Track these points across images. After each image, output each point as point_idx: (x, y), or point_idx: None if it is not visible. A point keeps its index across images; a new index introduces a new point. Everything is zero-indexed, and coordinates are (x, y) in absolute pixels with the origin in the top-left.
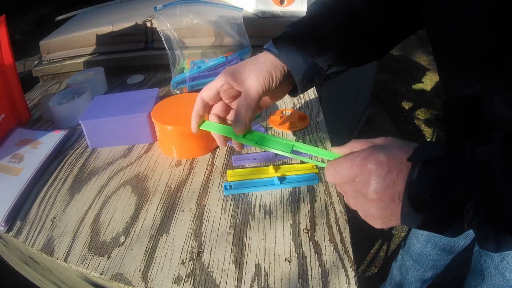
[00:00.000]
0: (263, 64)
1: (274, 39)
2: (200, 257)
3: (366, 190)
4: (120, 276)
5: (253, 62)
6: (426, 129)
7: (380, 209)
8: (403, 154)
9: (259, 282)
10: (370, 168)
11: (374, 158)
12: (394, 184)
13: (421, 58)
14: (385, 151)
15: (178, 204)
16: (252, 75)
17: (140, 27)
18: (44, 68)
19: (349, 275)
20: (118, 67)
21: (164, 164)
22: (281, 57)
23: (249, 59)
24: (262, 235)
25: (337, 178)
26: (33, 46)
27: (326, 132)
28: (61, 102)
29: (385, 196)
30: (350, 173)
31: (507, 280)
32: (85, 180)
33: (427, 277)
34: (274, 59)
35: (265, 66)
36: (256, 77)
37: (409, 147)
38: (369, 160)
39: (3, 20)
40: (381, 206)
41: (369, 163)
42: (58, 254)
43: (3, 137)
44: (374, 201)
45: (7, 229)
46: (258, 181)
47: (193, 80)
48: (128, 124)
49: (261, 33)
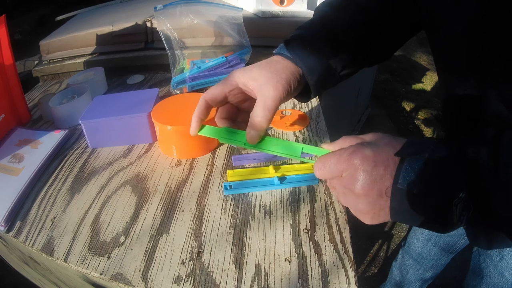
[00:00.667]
0: (282, 72)
1: (285, 41)
2: (200, 257)
3: (353, 185)
4: (120, 276)
5: (270, 69)
6: (426, 129)
7: (368, 204)
8: (390, 149)
9: (259, 282)
10: (356, 164)
11: (360, 153)
12: (381, 179)
13: (421, 58)
14: (372, 147)
15: (178, 204)
16: (270, 83)
17: (140, 27)
18: (44, 68)
19: (349, 275)
20: (118, 67)
21: (164, 164)
22: (295, 60)
23: (263, 63)
24: (262, 235)
25: (324, 172)
26: (33, 46)
27: (326, 132)
28: (61, 102)
29: (372, 191)
30: (337, 167)
31: (506, 280)
32: (85, 180)
33: (427, 277)
34: (291, 65)
35: (284, 75)
36: (275, 86)
37: (397, 142)
38: (355, 155)
39: (3, 20)
40: (368, 201)
41: (355, 159)
42: (58, 254)
43: (3, 137)
44: (362, 196)
45: (7, 229)
46: (258, 181)
47: (193, 80)
48: (128, 124)
49: (261, 33)
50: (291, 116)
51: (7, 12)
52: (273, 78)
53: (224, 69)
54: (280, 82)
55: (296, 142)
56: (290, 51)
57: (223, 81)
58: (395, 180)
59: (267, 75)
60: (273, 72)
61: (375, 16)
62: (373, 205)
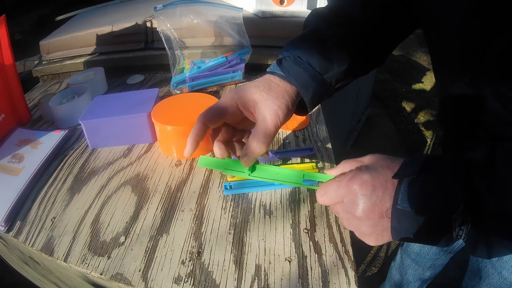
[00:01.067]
0: (281, 96)
1: (278, 60)
2: (200, 257)
3: (354, 210)
4: (120, 276)
5: (270, 92)
6: (426, 129)
7: (370, 226)
8: (387, 172)
9: (259, 282)
10: (356, 189)
11: (359, 178)
12: (381, 202)
13: (421, 58)
14: (370, 171)
15: (178, 204)
16: (271, 108)
17: (140, 27)
18: (44, 68)
19: (349, 275)
20: (118, 67)
21: (164, 164)
22: (289, 78)
23: (262, 84)
24: (262, 235)
25: (326, 199)
26: (33, 46)
27: (326, 132)
28: (61, 102)
29: (373, 214)
30: (337, 194)
31: (505, 279)
32: (85, 180)
33: (426, 277)
34: (288, 88)
35: (284, 100)
36: (276, 112)
37: (394, 164)
38: (354, 181)
39: (3, 20)
40: (370, 223)
41: (354, 184)
42: (58, 254)
43: (3, 137)
44: (363, 219)
45: (7, 229)
46: (258, 181)
47: (193, 80)
48: (128, 124)
49: (261, 33)
50: None
51: (7, 12)
52: (274, 103)
53: (224, 69)
54: (280, 108)
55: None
56: (282, 70)
57: (221, 101)
58: (395, 201)
59: (268, 99)
60: (274, 96)
61: (367, 26)
62: (376, 227)
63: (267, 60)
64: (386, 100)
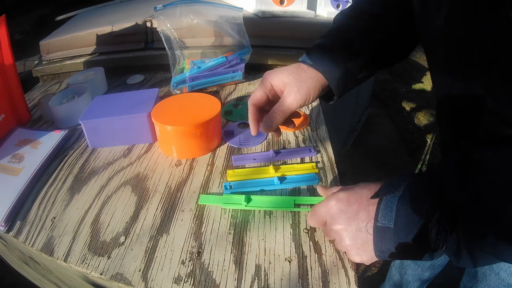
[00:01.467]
0: (304, 80)
1: (307, 51)
2: (200, 257)
3: (334, 225)
4: (120, 276)
5: (295, 75)
6: (426, 129)
7: (350, 238)
8: (363, 190)
9: (259, 282)
10: (333, 205)
11: (335, 196)
12: (356, 215)
13: (421, 58)
14: (346, 190)
15: (178, 204)
16: (292, 90)
17: (140, 27)
18: (44, 68)
19: (349, 275)
20: (118, 67)
21: (164, 164)
22: (315, 66)
23: (293, 67)
24: (262, 235)
25: (313, 221)
26: (33, 46)
27: (326, 132)
28: (61, 102)
29: (350, 226)
30: (320, 214)
31: (502, 280)
32: (85, 180)
33: (425, 277)
34: (314, 75)
35: (306, 84)
36: (295, 95)
37: (375, 185)
38: (332, 198)
39: (3, 20)
40: (349, 236)
41: (331, 201)
42: (58, 254)
43: (3, 137)
44: (342, 231)
45: (7, 229)
46: (258, 181)
47: (193, 80)
48: (128, 124)
49: (261, 33)
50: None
51: (7, 12)
52: (296, 85)
53: (224, 69)
54: (299, 92)
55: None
56: (310, 59)
57: (261, 84)
58: (375, 218)
59: (292, 81)
60: (297, 79)
61: (389, 22)
62: (355, 239)
63: (267, 60)
64: (386, 100)
